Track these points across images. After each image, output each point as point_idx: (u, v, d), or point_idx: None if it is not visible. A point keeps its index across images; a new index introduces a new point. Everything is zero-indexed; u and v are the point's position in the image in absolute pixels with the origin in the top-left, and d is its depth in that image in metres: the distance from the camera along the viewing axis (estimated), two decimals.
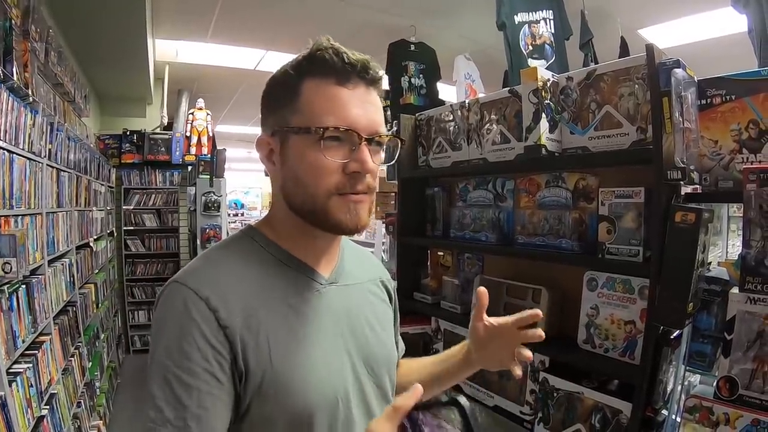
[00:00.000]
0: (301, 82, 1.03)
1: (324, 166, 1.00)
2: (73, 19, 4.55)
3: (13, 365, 2.58)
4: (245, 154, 14.96)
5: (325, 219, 1.03)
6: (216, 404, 0.92)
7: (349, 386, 1.07)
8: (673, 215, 1.61)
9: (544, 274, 2.26)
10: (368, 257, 1.41)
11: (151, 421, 0.89)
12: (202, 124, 7.67)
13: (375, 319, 1.23)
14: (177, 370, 0.91)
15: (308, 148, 1.00)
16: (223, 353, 0.94)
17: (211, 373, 0.92)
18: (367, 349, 1.15)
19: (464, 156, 2.58)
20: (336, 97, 1.01)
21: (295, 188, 1.05)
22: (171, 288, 0.99)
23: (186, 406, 0.89)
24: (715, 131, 1.73)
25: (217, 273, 1.02)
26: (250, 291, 1.02)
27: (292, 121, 1.03)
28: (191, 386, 0.90)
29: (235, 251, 1.09)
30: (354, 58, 1.01)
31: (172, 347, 0.92)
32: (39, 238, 3.24)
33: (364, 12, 5.04)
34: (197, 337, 0.92)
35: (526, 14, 4.07)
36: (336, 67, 1.00)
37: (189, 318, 0.93)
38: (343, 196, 1.02)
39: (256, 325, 0.98)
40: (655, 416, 1.74)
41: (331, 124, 0.99)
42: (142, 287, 7.82)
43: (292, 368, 0.99)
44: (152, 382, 0.92)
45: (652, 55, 1.69)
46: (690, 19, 4.91)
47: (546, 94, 2.05)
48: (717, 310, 1.76)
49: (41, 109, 3.36)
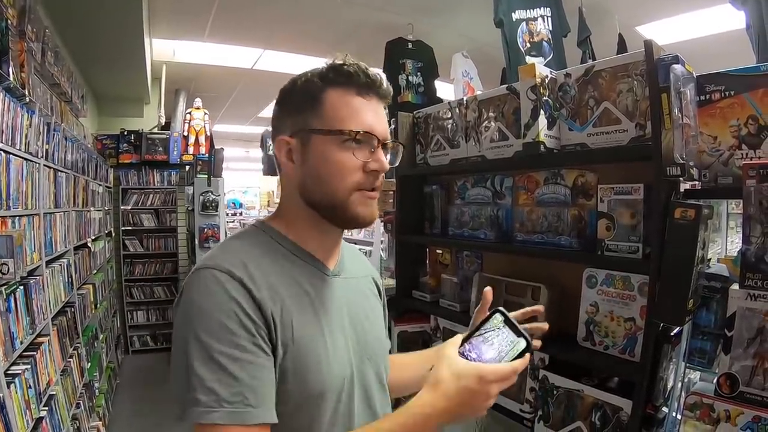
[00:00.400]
0: (325, 90, 1.13)
1: (349, 164, 1.11)
2: (70, 19, 4.53)
3: (11, 367, 2.56)
4: (243, 154, 14.95)
5: (344, 213, 1.14)
6: (265, 375, 1.00)
7: (353, 370, 1.17)
8: (673, 211, 1.61)
9: (544, 271, 2.26)
10: (360, 255, 1.52)
11: (204, 405, 0.93)
12: (200, 123, 7.66)
13: (371, 311, 1.34)
14: (224, 347, 0.96)
15: (333, 149, 1.11)
16: (262, 326, 1.01)
17: (258, 345, 1.00)
18: (366, 337, 1.25)
19: (462, 153, 2.57)
20: (358, 106, 1.13)
21: (315, 185, 1.14)
22: (202, 273, 1.04)
23: (240, 379, 0.95)
24: (714, 127, 1.72)
25: (242, 257, 1.09)
26: (272, 272, 1.10)
27: (314, 124, 1.13)
28: (241, 360, 0.97)
29: (250, 242, 1.17)
30: (373, 74, 1.14)
31: (215, 326, 0.97)
32: (36, 239, 3.23)
33: (361, 10, 5.03)
34: (240, 314, 0.99)
35: (524, 11, 4.07)
36: (359, 80, 1.12)
37: (228, 297, 1.00)
38: (362, 192, 1.13)
39: (280, 303, 1.07)
40: (655, 413, 1.74)
41: (356, 128, 1.10)
42: (141, 287, 7.79)
43: (310, 348, 1.08)
44: (197, 365, 0.95)
45: (651, 51, 1.68)
46: (688, 16, 4.90)
47: (544, 91, 2.04)
48: (717, 307, 1.75)
49: (38, 109, 3.35)
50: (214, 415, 0.92)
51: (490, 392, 0.97)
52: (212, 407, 0.92)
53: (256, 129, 10.97)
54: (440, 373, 1.00)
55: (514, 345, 1.02)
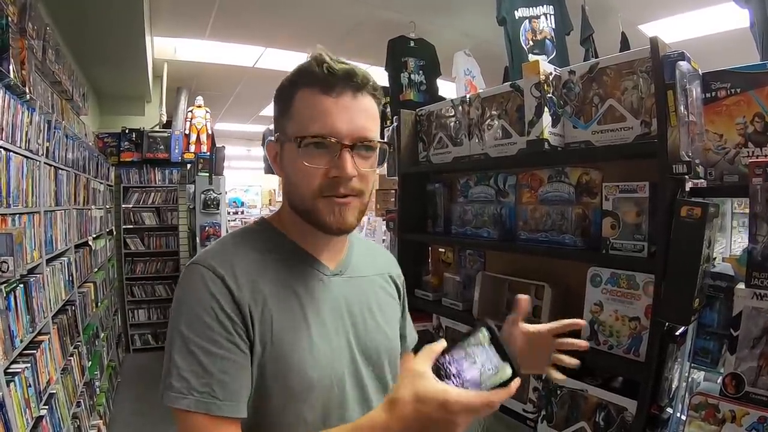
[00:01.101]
0: (294, 93, 1.10)
1: (310, 170, 1.07)
2: (71, 17, 4.52)
3: (10, 365, 2.56)
4: (245, 152, 14.95)
5: (315, 219, 1.11)
6: (238, 371, 1.02)
7: (344, 371, 1.14)
8: (679, 210, 1.59)
9: (547, 270, 2.25)
10: (379, 253, 1.48)
11: (177, 391, 0.98)
12: (201, 121, 7.65)
13: (378, 310, 1.28)
14: (200, 341, 1.00)
15: (295, 155, 1.08)
16: (239, 324, 1.03)
17: (233, 342, 1.02)
18: (367, 337, 1.21)
19: (465, 151, 2.56)
20: (319, 106, 1.06)
21: (290, 189, 1.15)
22: (191, 268, 1.08)
23: (211, 372, 0.99)
24: (720, 125, 1.71)
25: (231, 256, 1.11)
26: (258, 273, 1.10)
27: (286, 129, 1.11)
28: (214, 354, 1.00)
29: (247, 239, 1.18)
30: (337, 67, 1.05)
31: (194, 320, 1.02)
32: (37, 237, 3.22)
33: (363, 8, 5.02)
34: (217, 310, 1.02)
35: (527, 9, 4.06)
36: (319, 77, 1.06)
37: (208, 293, 1.03)
38: (329, 198, 1.08)
39: (262, 302, 1.07)
40: (660, 414, 1.73)
41: (312, 133, 1.05)
42: (142, 286, 7.79)
43: (290, 347, 1.07)
44: (175, 354, 1.01)
45: (657, 48, 1.67)
46: (691, 15, 4.90)
47: (548, 88, 2.03)
48: (721, 307, 1.74)
49: (38, 107, 3.34)
50: (183, 401, 0.97)
51: (455, 422, 0.86)
52: (183, 394, 0.97)
53: (258, 127, 10.98)
54: (401, 391, 0.89)
55: (498, 370, 0.90)
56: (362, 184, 1.11)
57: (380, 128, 1.17)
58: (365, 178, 1.12)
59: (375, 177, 1.19)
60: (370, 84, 1.10)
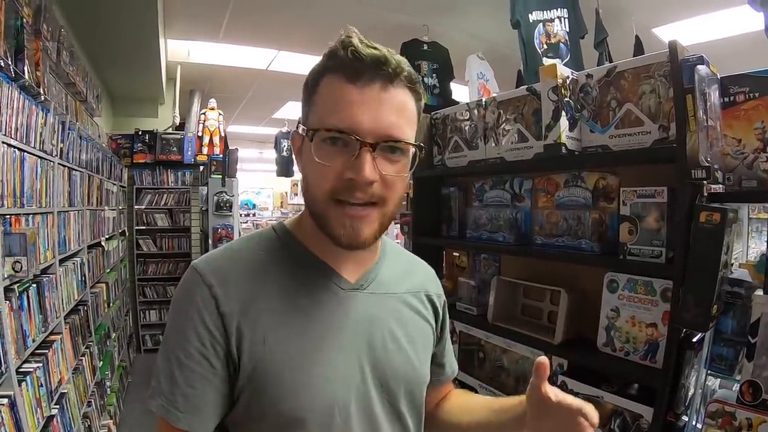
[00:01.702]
0: (320, 79, 0.98)
1: (324, 169, 0.94)
2: (85, 19, 4.55)
3: (23, 365, 2.58)
4: (257, 155, 14.97)
5: (324, 227, 0.99)
6: (205, 387, 0.96)
7: (351, 398, 1.02)
8: (698, 215, 1.58)
9: (563, 275, 2.23)
10: (417, 267, 1.33)
11: (152, 390, 0.99)
12: (214, 124, 7.67)
13: (404, 333, 1.13)
14: (176, 349, 0.97)
15: (317, 148, 0.95)
16: (218, 339, 0.96)
17: (205, 357, 0.96)
18: (385, 363, 1.08)
19: (481, 155, 2.55)
20: (341, 96, 0.93)
21: (304, 188, 1.03)
22: (189, 270, 1.04)
23: (177, 383, 0.96)
24: (738, 129, 1.70)
25: (231, 263, 1.04)
26: (258, 284, 1.01)
27: (308, 120, 1.00)
28: (184, 365, 0.96)
29: (255, 245, 1.09)
30: (365, 53, 0.92)
31: (176, 327, 0.99)
32: (50, 237, 3.24)
33: (376, 11, 5.02)
34: (196, 321, 0.96)
35: (541, 12, 4.04)
36: (345, 62, 0.93)
37: (192, 301, 0.98)
38: (341, 206, 0.96)
39: (255, 316, 0.98)
40: (676, 421, 1.71)
41: (328, 125, 0.93)
42: (154, 287, 7.81)
43: (285, 367, 0.97)
44: (160, 355, 1.00)
45: (675, 52, 1.66)
46: (705, 18, 4.86)
47: (565, 92, 2.02)
48: (738, 313, 1.73)
49: (53, 108, 3.36)
50: (153, 402, 0.97)
51: None
52: (154, 395, 0.97)
53: (270, 130, 10.99)
54: None
55: None
56: (385, 191, 0.97)
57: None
58: (390, 186, 0.97)
59: (404, 185, 1.03)
60: (405, 74, 0.96)
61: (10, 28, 2.67)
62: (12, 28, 2.72)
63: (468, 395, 1.46)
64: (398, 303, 1.16)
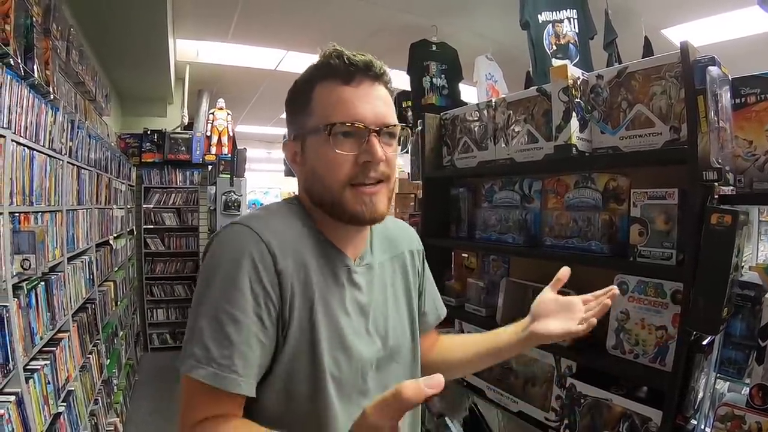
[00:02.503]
0: (312, 89, 1.12)
1: (339, 158, 1.07)
2: (94, 19, 4.57)
3: (30, 362, 2.58)
4: (265, 155, 14.99)
5: (342, 211, 1.10)
6: (258, 347, 0.99)
7: (368, 359, 1.14)
8: (709, 217, 1.57)
9: (572, 277, 2.19)
10: (399, 229, 1.43)
11: (196, 359, 0.95)
12: (223, 123, 7.68)
13: (402, 294, 1.32)
14: (229, 307, 0.96)
15: (322, 146, 1.08)
16: (273, 299, 1.00)
17: (259, 316, 0.98)
18: (389, 326, 1.23)
19: (491, 156, 2.55)
20: (342, 96, 1.08)
21: (314, 183, 1.13)
22: (234, 229, 1.05)
23: (234, 343, 0.95)
24: (749, 131, 1.68)
25: (279, 222, 1.10)
26: (302, 246, 1.09)
27: (307, 125, 1.12)
28: (241, 323, 0.96)
29: (293, 212, 1.16)
30: (356, 59, 1.09)
31: (228, 285, 0.98)
32: (59, 235, 3.25)
33: (385, 12, 5.01)
34: (253, 278, 0.98)
35: (550, 13, 4.03)
36: (340, 69, 1.08)
37: (249, 258, 0.99)
38: (357, 187, 1.08)
39: (305, 277, 1.06)
40: (685, 425, 1.70)
41: (339, 120, 1.06)
42: (161, 285, 7.84)
43: (328, 330, 1.06)
44: (201, 318, 0.97)
45: (687, 53, 1.65)
46: (714, 19, 4.84)
47: (576, 93, 2.01)
48: (748, 316, 1.71)
49: (62, 106, 3.37)
50: (200, 372, 0.94)
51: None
52: (201, 363, 0.94)
53: (278, 130, 11.02)
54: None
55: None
56: (389, 168, 1.12)
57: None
58: (391, 164, 1.13)
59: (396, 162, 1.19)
60: (386, 74, 1.14)
61: (20, 27, 2.68)
62: (22, 26, 2.72)
63: (457, 336, 1.58)
64: (390, 271, 1.30)
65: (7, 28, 2.44)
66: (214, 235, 1.09)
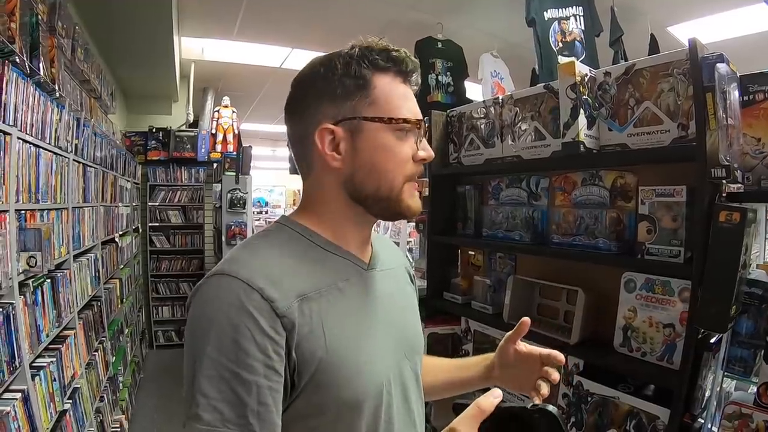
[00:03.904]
0: (373, 75, 1.06)
1: (404, 154, 1.07)
2: (100, 17, 4.57)
3: (36, 359, 2.59)
4: (269, 153, 15.01)
5: (397, 205, 1.08)
6: (275, 398, 0.91)
7: (391, 372, 1.09)
8: (717, 215, 1.56)
9: (580, 274, 2.22)
10: (390, 244, 1.43)
11: (207, 423, 0.85)
12: (228, 121, 7.69)
13: (408, 304, 1.29)
14: (234, 367, 0.88)
15: (389, 138, 1.06)
16: (280, 344, 0.92)
17: (271, 367, 0.90)
18: (406, 333, 1.20)
19: (497, 153, 2.54)
20: (406, 93, 1.09)
21: (368, 177, 1.06)
22: (216, 281, 0.95)
23: (246, 404, 0.87)
24: (757, 128, 1.68)
25: (266, 261, 1.00)
26: (301, 276, 1.00)
27: (366, 112, 1.05)
28: (250, 383, 0.88)
29: (276, 240, 1.08)
30: (412, 60, 1.10)
31: (226, 344, 0.89)
32: (65, 233, 3.25)
33: (390, 9, 5.01)
34: (254, 331, 0.89)
35: (556, 10, 4.03)
36: (407, 68, 1.08)
37: (244, 311, 0.90)
38: (411, 182, 1.10)
39: (309, 311, 0.97)
40: (692, 423, 1.69)
41: (407, 117, 1.06)
42: (167, 283, 7.86)
43: (345, 355, 0.99)
44: (203, 380, 0.87)
45: (695, 50, 1.64)
46: (720, 16, 4.83)
47: (584, 90, 2.00)
48: (756, 314, 1.71)
49: (68, 104, 3.37)
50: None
51: None
52: (216, 427, 0.85)
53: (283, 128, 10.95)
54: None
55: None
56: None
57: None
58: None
59: None
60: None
61: (26, 25, 2.68)
62: (27, 24, 2.72)
63: (431, 358, 1.51)
64: (397, 278, 1.30)
65: (12, 26, 2.44)
66: (196, 289, 0.98)
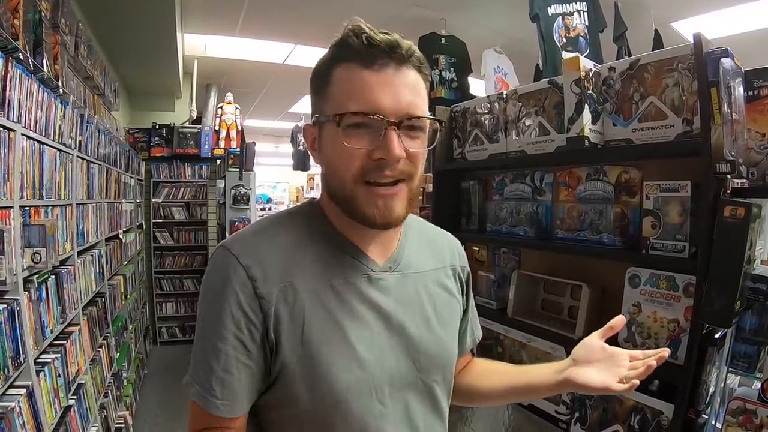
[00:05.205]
0: (331, 70, 1.01)
1: (352, 152, 0.96)
2: (103, 14, 4.56)
3: (41, 355, 2.59)
4: (273, 149, 15.00)
5: (354, 210, 1.01)
6: (241, 371, 0.97)
7: (386, 379, 1.03)
8: (722, 210, 1.56)
9: (584, 269, 2.22)
10: (442, 241, 1.32)
11: (189, 376, 1.00)
12: (231, 118, 7.69)
13: (434, 313, 1.14)
14: (211, 334, 0.97)
15: (336, 135, 0.97)
16: (255, 322, 0.96)
17: (241, 341, 0.96)
18: (419, 345, 1.08)
19: (502, 148, 2.54)
20: (359, 81, 0.96)
21: (328, 174, 1.05)
22: (219, 252, 1.02)
23: (213, 369, 0.96)
24: (762, 123, 1.68)
25: (263, 242, 1.03)
26: (293, 264, 1.01)
27: (325, 109, 1.02)
28: (220, 350, 0.96)
29: (288, 225, 1.09)
30: (377, 38, 0.95)
31: (210, 311, 0.98)
32: (69, 229, 3.25)
33: (393, 4, 5.00)
34: (232, 304, 0.96)
35: (560, 6, 4.01)
36: (359, 50, 0.96)
37: (229, 284, 0.96)
38: (371, 187, 0.98)
39: (294, 299, 0.98)
40: (696, 418, 1.69)
41: (353, 110, 0.95)
42: (170, 279, 7.86)
43: (323, 350, 0.98)
44: (195, 341, 1.01)
45: (700, 45, 1.64)
46: (724, 12, 4.81)
47: (588, 85, 2.00)
48: (760, 310, 1.71)
49: (71, 101, 3.37)
50: (191, 389, 0.99)
51: None
52: (191, 381, 0.99)
53: (286, 124, 11.01)
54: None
55: None
56: (411, 166, 1.00)
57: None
58: (414, 159, 1.01)
59: (425, 160, 1.07)
60: (415, 56, 1.00)
61: (29, 22, 2.68)
62: (30, 21, 2.72)
63: (490, 362, 1.46)
64: (427, 282, 1.17)
65: (16, 22, 2.44)
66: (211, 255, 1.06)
